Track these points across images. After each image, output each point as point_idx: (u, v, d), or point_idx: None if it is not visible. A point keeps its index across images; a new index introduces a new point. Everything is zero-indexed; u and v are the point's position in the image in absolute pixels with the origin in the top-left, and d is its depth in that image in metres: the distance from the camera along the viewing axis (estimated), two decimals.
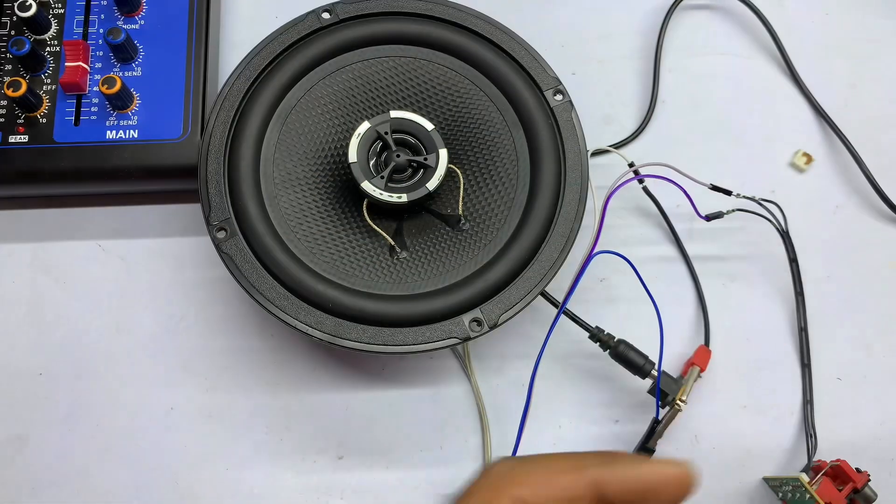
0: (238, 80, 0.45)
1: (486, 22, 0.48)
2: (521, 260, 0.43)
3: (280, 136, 0.45)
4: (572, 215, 0.44)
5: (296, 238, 0.43)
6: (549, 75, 0.47)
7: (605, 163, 0.53)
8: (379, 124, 0.45)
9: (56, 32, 0.50)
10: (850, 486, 0.44)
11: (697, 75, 0.56)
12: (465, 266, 0.44)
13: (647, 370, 0.45)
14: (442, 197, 0.47)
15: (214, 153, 0.44)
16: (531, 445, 0.47)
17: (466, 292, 0.42)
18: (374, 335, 0.41)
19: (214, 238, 0.43)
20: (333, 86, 0.47)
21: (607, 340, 0.45)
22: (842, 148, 0.54)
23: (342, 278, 0.43)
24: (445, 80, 0.47)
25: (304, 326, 0.41)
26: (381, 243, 0.45)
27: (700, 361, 0.47)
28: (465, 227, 0.45)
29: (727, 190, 0.49)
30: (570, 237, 0.44)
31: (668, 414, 0.44)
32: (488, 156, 0.46)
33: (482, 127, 0.47)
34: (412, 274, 0.44)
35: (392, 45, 0.48)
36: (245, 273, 0.42)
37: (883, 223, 0.53)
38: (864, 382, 0.50)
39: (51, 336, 0.48)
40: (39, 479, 0.46)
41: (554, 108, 0.46)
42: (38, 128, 0.48)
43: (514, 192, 0.45)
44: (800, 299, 0.50)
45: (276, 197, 0.44)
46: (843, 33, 0.58)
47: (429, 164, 0.45)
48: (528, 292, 0.43)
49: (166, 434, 0.47)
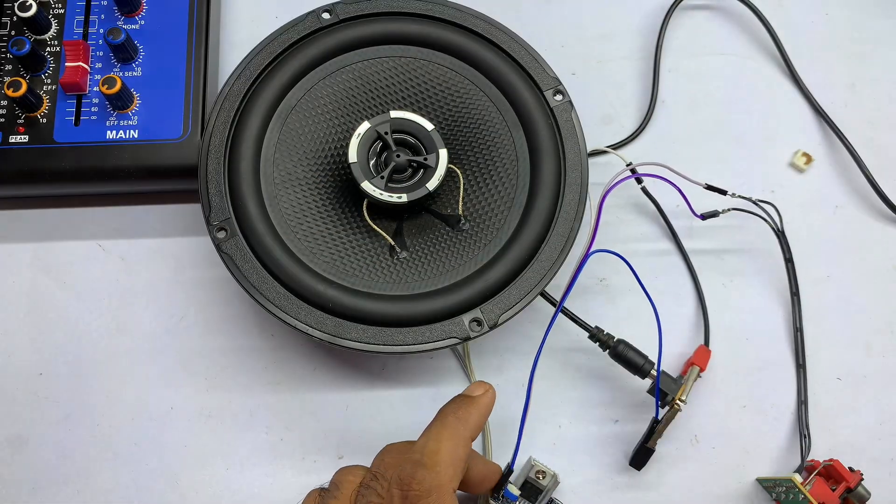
0: (238, 80, 0.45)
1: (485, 22, 0.48)
2: (521, 260, 0.43)
3: (280, 137, 0.45)
4: (572, 215, 0.45)
5: (296, 238, 0.43)
6: (549, 75, 0.47)
7: (605, 162, 0.54)
8: (379, 124, 0.45)
9: (56, 32, 0.50)
10: (843, 486, 0.44)
11: (697, 75, 0.57)
12: (465, 266, 0.44)
13: (647, 370, 0.45)
14: (442, 197, 0.47)
15: (214, 153, 0.44)
16: (531, 446, 0.47)
17: (466, 292, 0.42)
18: (375, 335, 0.41)
19: (215, 238, 0.43)
20: (333, 86, 0.47)
21: (606, 340, 0.45)
22: (841, 148, 0.54)
23: (342, 278, 0.43)
24: (445, 81, 0.47)
25: (305, 326, 0.41)
26: (382, 243, 0.45)
27: (700, 361, 0.47)
28: (464, 227, 0.45)
29: (722, 189, 0.49)
30: (569, 237, 0.44)
31: (668, 413, 0.44)
32: (488, 156, 0.46)
33: (482, 127, 0.47)
34: (412, 274, 0.44)
35: (392, 46, 0.48)
36: (245, 273, 0.42)
37: (882, 223, 0.53)
38: (864, 382, 0.50)
39: (51, 336, 0.48)
40: (39, 478, 0.46)
41: (554, 109, 0.46)
42: (39, 128, 0.48)
43: (514, 192, 0.45)
44: (795, 300, 0.50)
45: (277, 197, 0.44)
46: (843, 33, 0.58)
47: (429, 164, 0.45)
48: (528, 292, 0.43)
49: (166, 434, 0.47)
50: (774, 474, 0.47)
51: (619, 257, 0.44)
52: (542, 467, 0.45)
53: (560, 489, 0.46)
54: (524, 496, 0.45)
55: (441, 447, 0.37)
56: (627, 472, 0.47)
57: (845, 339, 0.51)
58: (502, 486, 0.43)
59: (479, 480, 0.42)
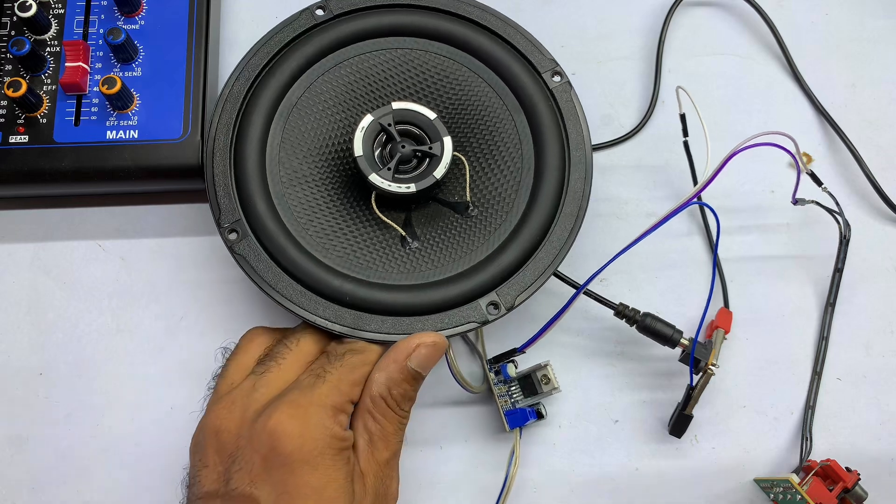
0: (237, 81, 0.46)
1: (479, 9, 0.48)
2: (533, 241, 0.44)
3: (283, 136, 0.45)
4: (579, 193, 0.45)
5: (307, 235, 0.43)
6: (546, 57, 0.47)
7: (606, 162, 0.54)
8: (382, 116, 0.45)
9: (56, 32, 0.50)
10: (840, 486, 0.44)
11: (698, 75, 0.56)
12: (478, 251, 0.44)
13: (677, 339, 0.45)
14: (448, 185, 0.47)
15: (220, 156, 0.44)
16: (531, 446, 0.47)
17: (481, 277, 0.43)
18: (394, 325, 0.41)
19: (227, 240, 0.42)
20: (333, 81, 0.47)
21: (633, 315, 0.45)
22: (842, 147, 0.54)
23: (357, 272, 0.43)
24: (443, 69, 0.47)
25: (325, 322, 0.41)
26: (393, 235, 0.45)
27: (723, 323, 0.47)
28: (473, 214, 0.46)
29: (819, 180, 0.49)
30: (578, 215, 0.44)
31: (702, 379, 0.44)
32: (491, 141, 0.47)
33: (483, 113, 0.47)
34: (426, 262, 0.44)
35: (387, 38, 0.48)
36: (261, 273, 0.42)
37: (883, 223, 0.53)
38: (864, 382, 0.50)
39: (51, 336, 0.49)
40: (39, 478, 0.46)
41: (553, 90, 0.47)
42: (39, 128, 0.48)
43: (520, 175, 0.46)
44: (830, 309, 0.50)
45: (285, 196, 0.44)
46: (843, 33, 0.58)
47: (434, 152, 0.45)
48: (542, 272, 0.43)
49: (166, 434, 0.47)
50: (773, 475, 0.47)
51: (711, 211, 0.44)
52: (552, 377, 0.45)
53: (563, 485, 0.46)
54: (518, 384, 0.46)
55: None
56: (627, 472, 0.47)
57: (845, 339, 0.51)
58: (507, 360, 0.45)
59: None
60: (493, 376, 0.46)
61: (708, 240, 0.52)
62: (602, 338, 0.50)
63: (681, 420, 0.45)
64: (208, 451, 0.37)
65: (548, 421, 0.48)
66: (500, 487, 0.45)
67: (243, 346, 0.42)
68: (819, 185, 0.49)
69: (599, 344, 0.49)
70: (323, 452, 0.36)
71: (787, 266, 0.52)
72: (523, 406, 0.45)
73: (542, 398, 0.46)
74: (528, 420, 0.45)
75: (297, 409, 0.37)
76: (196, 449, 0.38)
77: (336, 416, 0.37)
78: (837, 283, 0.50)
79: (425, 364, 0.40)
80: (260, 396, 0.38)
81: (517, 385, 0.46)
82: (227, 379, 0.40)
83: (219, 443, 0.37)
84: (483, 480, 0.46)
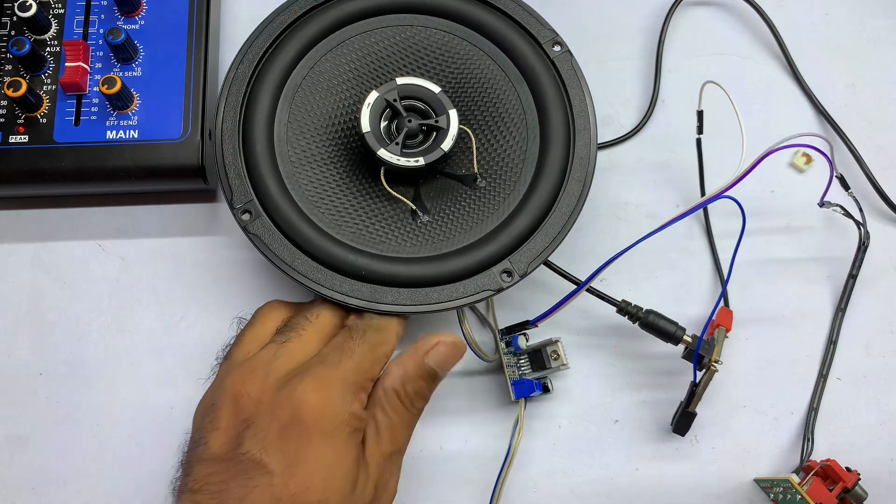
0: (242, 64, 0.46)
1: None
2: (542, 208, 0.44)
3: (290, 116, 0.45)
4: (586, 160, 0.45)
5: (319, 212, 0.44)
6: (546, 28, 0.47)
7: (606, 162, 0.54)
8: (387, 92, 0.45)
9: (56, 32, 0.50)
10: (840, 486, 0.44)
11: (698, 75, 0.56)
12: (488, 221, 0.44)
13: (679, 336, 0.45)
14: (454, 159, 0.47)
15: (229, 139, 0.44)
16: (532, 446, 0.47)
17: (493, 246, 0.43)
18: (410, 296, 0.42)
19: (240, 221, 0.43)
20: (336, 60, 0.47)
21: (635, 312, 0.45)
22: (842, 147, 0.54)
23: (370, 246, 0.43)
24: (444, 44, 0.48)
25: (342, 296, 0.41)
26: (403, 210, 0.45)
27: (724, 322, 0.47)
28: (481, 185, 0.46)
29: (847, 184, 0.49)
30: (586, 181, 0.45)
31: (705, 376, 0.44)
32: (496, 113, 0.47)
33: (486, 85, 0.47)
34: (438, 235, 0.44)
35: (388, 16, 0.48)
36: (276, 251, 0.42)
37: (883, 223, 0.53)
38: (864, 382, 0.50)
39: (51, 336, 0.48)
40: (39, 478, 0.46)
41: (554, 59, 0.47)
42: (38, 128, 0.48)
43: (526, 145, 0.46)
44: (840, 315, 0.50)
45: (294, 175, 0.44)
46: (843, 33, 0.58)
47: (440, 125, 0.45)
48: (553, 239, 0.43)
49: (166, 434, 0.47)
50: (774, 475, 0.47)
51: (739, 205, 0.44)
52: (561, 353, 0.45)
53: (563, 485, 0.46)
54: (528, 357, 0.46)
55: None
56: (627, 472, 0.47)
57: (845, 339, 0.51)
58: (519, 332, 0.45)
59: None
60: (503, 346, 0.47)
61: (708, 239, 0.52)
62: (602, 337, 0.50)
63: (684, 418, 0.45)
64: (222, 414, 0.37)
65: (548, 421, 0.48)
66: (502, 459, 0.46)
67: (259, 318, 0.42)
68: (846, 190, 0.49)
69: (599, 343, 0.50)
70: (340, 428, 0.36)
71: (787, 266, 0.52)
72: (531, 379, 0.46)
73: (550, 373, 0.46)
74: (533, 391, 0.46)
75: (322, 381, 0.37)
76: (207, 411, 0.38)
77: (357, 393, 0.38)
78: (851, 288, 0.51)
79: (442, 363, 0.40)
80: (281, 365, 0.38)
81: (526, 358, 0.46)
82: (243, 348, 0.40)
83: (237, 406, 0.37)
84: (486, 451, 0.47)
